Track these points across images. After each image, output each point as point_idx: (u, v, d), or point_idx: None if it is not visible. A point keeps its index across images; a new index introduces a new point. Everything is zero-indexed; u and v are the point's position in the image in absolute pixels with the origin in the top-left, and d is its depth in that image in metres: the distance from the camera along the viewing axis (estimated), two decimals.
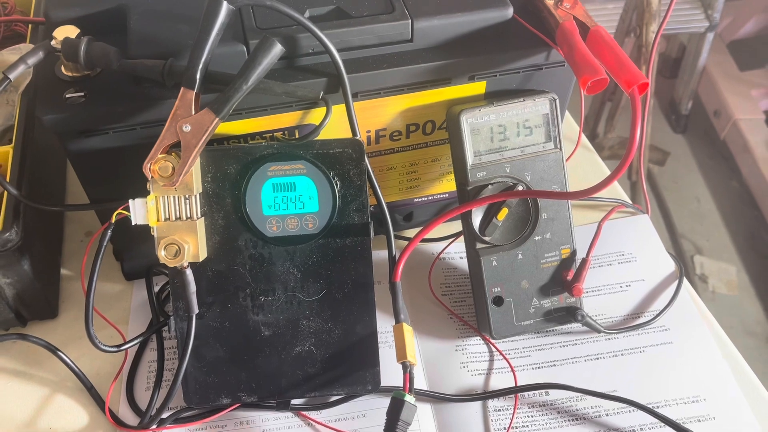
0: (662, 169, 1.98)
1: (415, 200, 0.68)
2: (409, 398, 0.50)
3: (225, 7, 0.46)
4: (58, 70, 0.52)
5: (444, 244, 0.68)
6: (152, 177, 0.48)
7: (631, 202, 0.73)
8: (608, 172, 0.77)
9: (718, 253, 1.79)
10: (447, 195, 0.68)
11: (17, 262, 0.55)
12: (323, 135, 0.53)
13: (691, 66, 1.93)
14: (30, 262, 0.56)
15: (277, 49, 0.47)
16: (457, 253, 0.68)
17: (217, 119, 0.47)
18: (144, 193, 0.50)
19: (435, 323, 0.62)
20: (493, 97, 0.58)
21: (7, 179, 0.57)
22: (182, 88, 0.46)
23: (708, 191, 1.94)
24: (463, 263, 0.67)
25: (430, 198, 0.68)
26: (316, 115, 0.55)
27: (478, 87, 0.57)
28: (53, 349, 0.55)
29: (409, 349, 0.53)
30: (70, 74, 0.51)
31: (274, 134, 0.55)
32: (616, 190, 0.74)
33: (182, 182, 0.48)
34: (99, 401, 0.56)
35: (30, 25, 0.71)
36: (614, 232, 0.69)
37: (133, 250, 0.63)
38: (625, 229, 0.70)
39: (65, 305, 0.63)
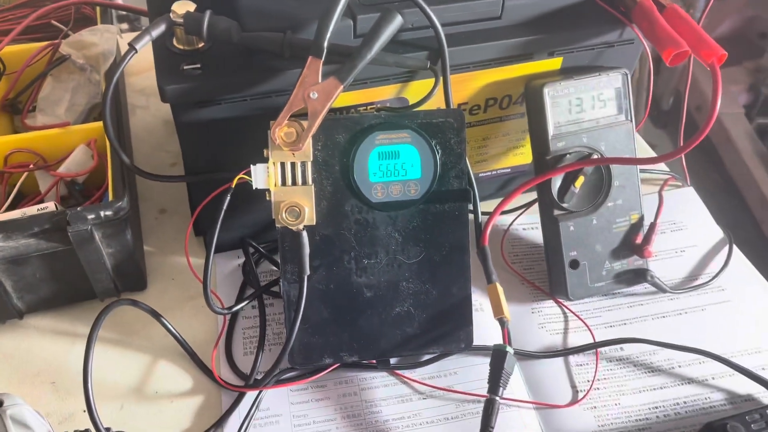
0: None
1: (480, 175, 0.71)
2: (510, 350, 0.54)
3: None
4: (170, 43, 0.54)
5: (510, 217, 0.71)
6: (276, 142, 0.50)
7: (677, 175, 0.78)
8: (646, 147, 0.82)
9: None
10: (509, 170, 0.72)
11: (122, 231, 0.56)
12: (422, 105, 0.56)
13: None
14: (131, 232, 0.58)
15: (399, 20, 0.50)
16: (520, 225, 0.72)
17: (342, 87, 0.50)
18: (242, 165, 0.53)
19: (509, 289, 0.65)
20: (567, 72, 0.62)
21: (107, 152, 0.58)
22: (310, 58, 0.49)
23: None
24: (527, 234, 0.71)
25: (493, 173, 0.72)
26: (410, 89, 0.58)
27: (555, 63, 0.61)
28: (158, 316, 0.57)
29: (504, 306, 0.56)
30: (182, 47, 0.53)
31: (373, 106, 0.58)
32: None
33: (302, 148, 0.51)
34: (202, 366, 0.58)
35: (98, 8, 0.72)
36: (664, 202, 0.73)
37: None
38: (674, 200, 0.74)
39: (151, 278, 0.65)
